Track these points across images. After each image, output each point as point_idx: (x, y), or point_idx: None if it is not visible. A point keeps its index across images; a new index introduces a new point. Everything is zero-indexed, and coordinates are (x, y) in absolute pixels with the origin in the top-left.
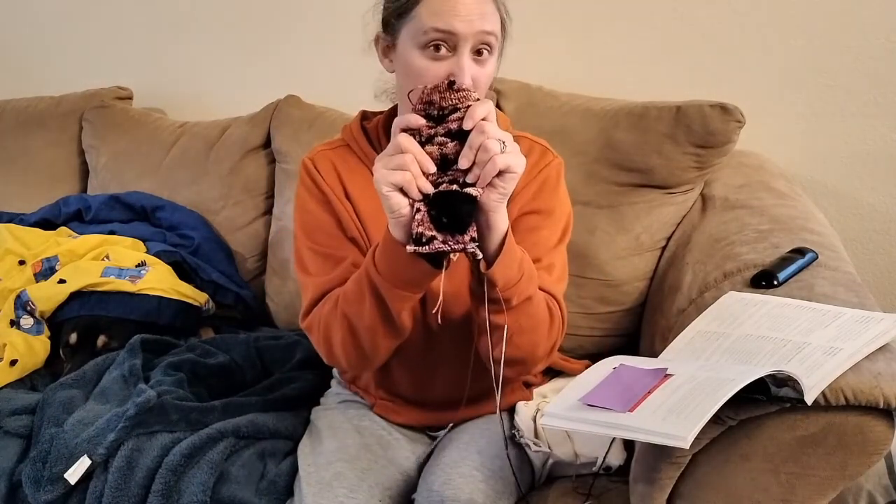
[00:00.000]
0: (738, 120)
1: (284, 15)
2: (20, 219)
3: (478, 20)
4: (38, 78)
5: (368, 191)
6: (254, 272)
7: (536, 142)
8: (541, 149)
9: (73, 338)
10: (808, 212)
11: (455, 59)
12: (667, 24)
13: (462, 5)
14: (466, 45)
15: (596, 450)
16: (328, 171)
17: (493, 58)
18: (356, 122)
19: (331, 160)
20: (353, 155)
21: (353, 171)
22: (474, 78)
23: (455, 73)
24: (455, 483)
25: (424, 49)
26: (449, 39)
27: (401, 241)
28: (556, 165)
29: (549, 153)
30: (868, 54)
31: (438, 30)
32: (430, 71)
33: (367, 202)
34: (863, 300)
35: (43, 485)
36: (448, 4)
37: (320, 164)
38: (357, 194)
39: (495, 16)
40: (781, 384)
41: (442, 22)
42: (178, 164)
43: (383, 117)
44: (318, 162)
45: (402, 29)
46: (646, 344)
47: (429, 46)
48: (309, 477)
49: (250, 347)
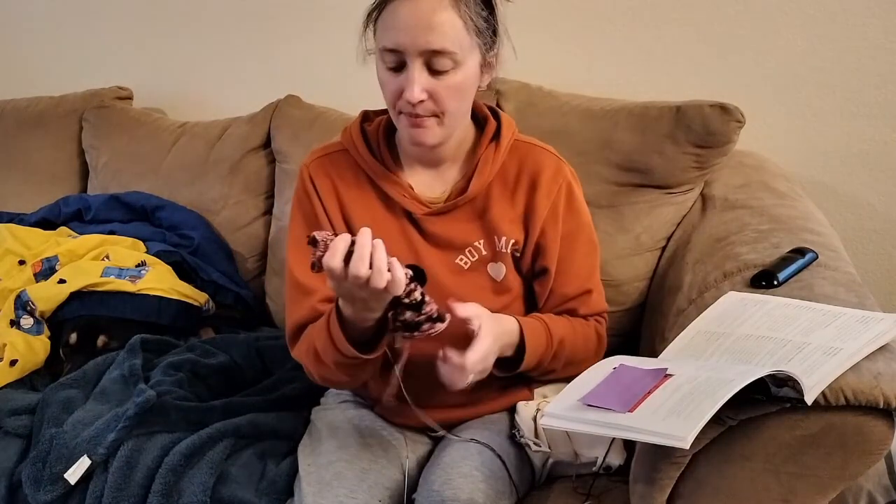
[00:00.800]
0: (738, 120)
1: (284, 15)
2: (20, 219)
3: (423, 35)
4: (38, 78)
5: (365, 200)
6: (254, 272)
7: (545, 149)
8: (554, 162)
9: (73, 338)
10: (808, 212)
11: (404, 74)
12: (667, 24)
13: (407, 18)
14: (414, 60)
15: (596, 450)
16: (324, 183)
17: (459, 70)
18: (356, 125)
19: (327, 171)
20: (351, 161)
21: (350, 180)
22: (432, 91)
23: (403, 91)
24: (455, 483)
25: (381, 61)
26: (397, 55)
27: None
28: (569, 174)
29: (561, 165)
30: (868, 54)
31: (386, 48)
32: (389, 83)
33: (364, 212)
34: (863, 300)
35: (43, 485)
36: (394, 19)
37: (317, 177)
38: (353, 204)
39: (452, 27)
40: (781, 384)
41: (388, 39)
42: (178, 164)
43: (384, 121)
44: (314, 174)
45: (376, 40)
46: (646, 344)
47: (382, 59)
48: (309, 477)
49: (250, 347)
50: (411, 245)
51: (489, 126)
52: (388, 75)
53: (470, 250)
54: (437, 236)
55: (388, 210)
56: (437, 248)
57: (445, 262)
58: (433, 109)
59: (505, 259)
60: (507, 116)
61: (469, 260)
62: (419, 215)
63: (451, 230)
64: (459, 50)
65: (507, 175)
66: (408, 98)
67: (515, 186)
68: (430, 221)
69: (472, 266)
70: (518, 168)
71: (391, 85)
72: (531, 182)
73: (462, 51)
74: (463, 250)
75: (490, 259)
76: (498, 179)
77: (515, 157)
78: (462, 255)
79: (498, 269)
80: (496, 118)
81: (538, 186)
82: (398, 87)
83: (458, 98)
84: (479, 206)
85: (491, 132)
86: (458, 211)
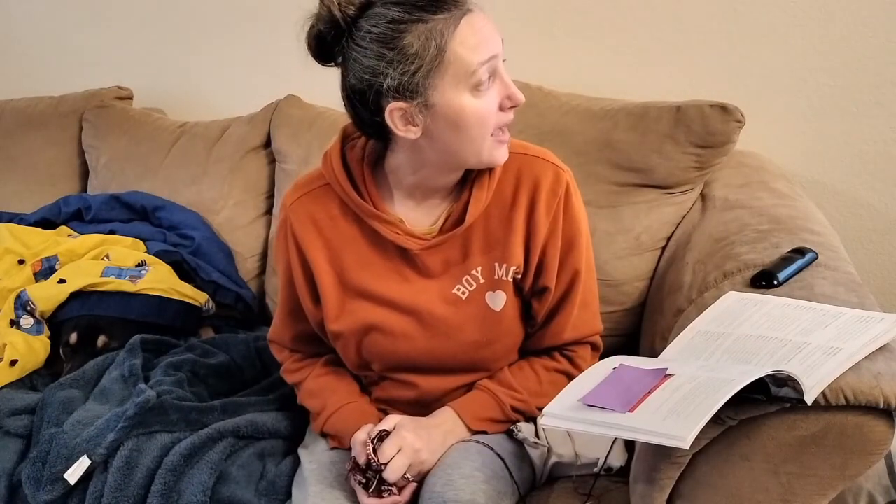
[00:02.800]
0: (738, 120)
1: (284, 15)
2: (20, 219)
3: (495, 33)
4: (38, 78)
5: (352, 239)
6: (254, 272)
7: (540, 158)
8: (552, 171)
9: (73, 338)
10: (808, 212)
11: (498, 83)
12: (667, 24)
13: (485, 27)
14: (502, 64)
15: (597, 450)
16: (305, 230)
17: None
18: (336, 154)
19: (310, 212)
20: (335, 196)
21: (336, 218)
22: None
23: (511, 94)
24: (457, 484)
25: (476, 90)
26: (493, 65)
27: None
28: (567, 180)
29: (559, 173)
30: (868, 54)
31: (483, 62)
32: (484, 106)
33: (352, 252)
34: (863, 300)
35: (43, 485)
36: (478, 33)
37: (298, 222)
38: (340, 244)
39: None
40: (781, 384)
41: (483, 53)
42: (178, 164)
43: (370, 151)
44: (295, 219)
45: (439, 82)
46: (646, 344)
47: (480, 84)
48: (309, 477)
49: (250, 347)
50: (405, 280)
51: None
52: (481, 101)
53: (468, 279)
54: (434, 267)
55: (378, 247)
56: (433, 280)
57: (442, 293)
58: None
59: (505, 286)
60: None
61: (467, 290)
62: (415, 251)
63: (448, 259)
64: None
65: (504, 194)
66: (519, 100)
67: (513, 205)
68: (426, 254)
69: (471, 296)
70: (515, 184)
71: (489, 106)
72: (530, 198)
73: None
74: (461, 279)
75: (488, 287)
76: (495, 200)
77: (511, 172)
78: (459, 285)
79: (496, 298)
80: None
81: (537, 202)
82: (495, 102)
83: None
84: (477, 232)
85: None
86: (456, 239)
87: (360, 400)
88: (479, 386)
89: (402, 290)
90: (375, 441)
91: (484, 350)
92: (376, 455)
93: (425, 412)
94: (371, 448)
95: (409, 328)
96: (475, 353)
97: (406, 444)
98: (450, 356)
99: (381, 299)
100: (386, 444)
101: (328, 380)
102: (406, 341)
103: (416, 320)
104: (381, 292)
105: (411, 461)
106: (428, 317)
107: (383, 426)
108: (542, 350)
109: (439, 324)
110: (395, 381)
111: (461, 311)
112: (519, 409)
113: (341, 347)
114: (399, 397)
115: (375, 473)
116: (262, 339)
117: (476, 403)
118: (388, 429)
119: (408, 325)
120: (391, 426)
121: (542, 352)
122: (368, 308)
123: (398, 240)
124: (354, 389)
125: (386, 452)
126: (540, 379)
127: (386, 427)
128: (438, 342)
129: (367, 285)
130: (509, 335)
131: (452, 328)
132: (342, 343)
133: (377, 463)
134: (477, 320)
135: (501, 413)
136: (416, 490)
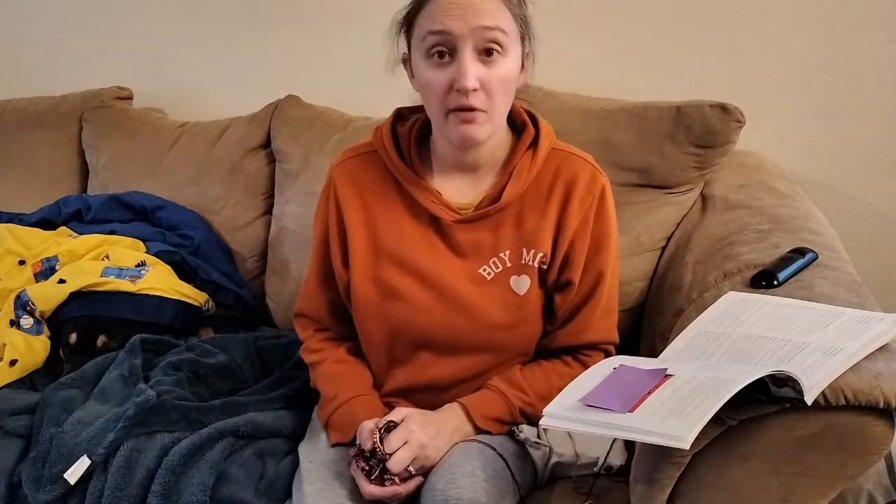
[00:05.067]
0: (738, 120)
1: (285, 15)
2: (20, 219)
3: (473, 16)
4: (38, 78)
5: (390, 205)
6: (254, 272)
7: (581, 158)
8: (590, 171)
9: (73, 338)
10: (808, 212)
11: (456, 63)
12: (667, 25)
13: (455, 4)
14: (465, 45)
15: (597, 450)
16: (347, 189)
17: (506, 58)
18: (388, 125)
19: (354, 173)
20: (379, 163)
21: (377, 183)
22: (483, 80)
23: (455, 77)
24: (459, 482)
25: (429, 58)
26: (446, 42)
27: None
28: (604, 184)
29: (597, 174)
30: (868, 54)
31: (433, 31)
32: (435, 80)
33: (388, 217)
34: (863, 300)
35: (43, 485)
36: (442, 5)
37: (341, 182)
38: (377, 209)
39: (500, 12)
40: (781, 384)
41: (435, 23)
42: (178, 164)
43: (418, 124)
44: (339, 179)
45: (412, 42)
46: (646, 344)
47: (432, 54)
48: (309, 476)
49: (250, 347)
50: (434, 252)
51: (527, 133)
52: (433, 72)
53: (495, 261)
54: (464, 244)
55: (414, 216)
56: (461, 257)
57: (468, 271)
58: (484, 102)
59: (530, 272)
60: (546, 124)
61: (493, 271)
62: (448, 222)
63: (478, 239)
64: (508, 29)
65: (542, 184)
66: (462, 85)
67: (549, 196)
68: (458, 229)
69: (496, 278)
70: (553, 177)
71: (438, 80)
72: (565, 192)
73: (509, 33)
74: (488, 260)
75: (514, 272)
76: (532, 189)
77: (551, 165)
78: (486, 266)
79: (521, 283)
80: (535, 125)
81: (572, 197)
82: (447, 80)
83: (505, 91)
84: (509, 216)
85: (529, 139)
86: (488, 220)
87: (373, 395)
88: (489, 385)
89: (430, 262)
90: (383, 430)
91: (502, 334)
92: (382, 444)
93: (435, 403)
94: (378, 437)
95: (430, 301)
96: (493, 335)
97: (413, 437)
98: (467, 335)
99: (408, 267)
100: (393, 436)
101: (347, 367)
102: (425, 314)
103: (438, 294)
104: (409, 260)
105: (416, 455)
106: (451, 292)
107: (392, 417)
108: (558, 349)
109: (461, 300)
110: (408, 364)
111: (484, 291)
112: (526, 413)
113: (362, 316)
114: (411, 384)
115: (379, 462)
116: (262, 339)
117: (485, 402)
118: (397, 420)
119: (429, 297)
120: (400, 418)
121: (557, 352)
122: (394, 274)
123: (433, 208)
124: (369, 383)
125: (392, 443)
126: (551, 384)
127: (394, 418)
128: (458, 319)
129: (397, 251)
130: (528, 323)
131: (474, 307)
132: (363, 310)
133: (382, 452)
134: (499, 302)
135: (509, 414)
136: (419, 486)
